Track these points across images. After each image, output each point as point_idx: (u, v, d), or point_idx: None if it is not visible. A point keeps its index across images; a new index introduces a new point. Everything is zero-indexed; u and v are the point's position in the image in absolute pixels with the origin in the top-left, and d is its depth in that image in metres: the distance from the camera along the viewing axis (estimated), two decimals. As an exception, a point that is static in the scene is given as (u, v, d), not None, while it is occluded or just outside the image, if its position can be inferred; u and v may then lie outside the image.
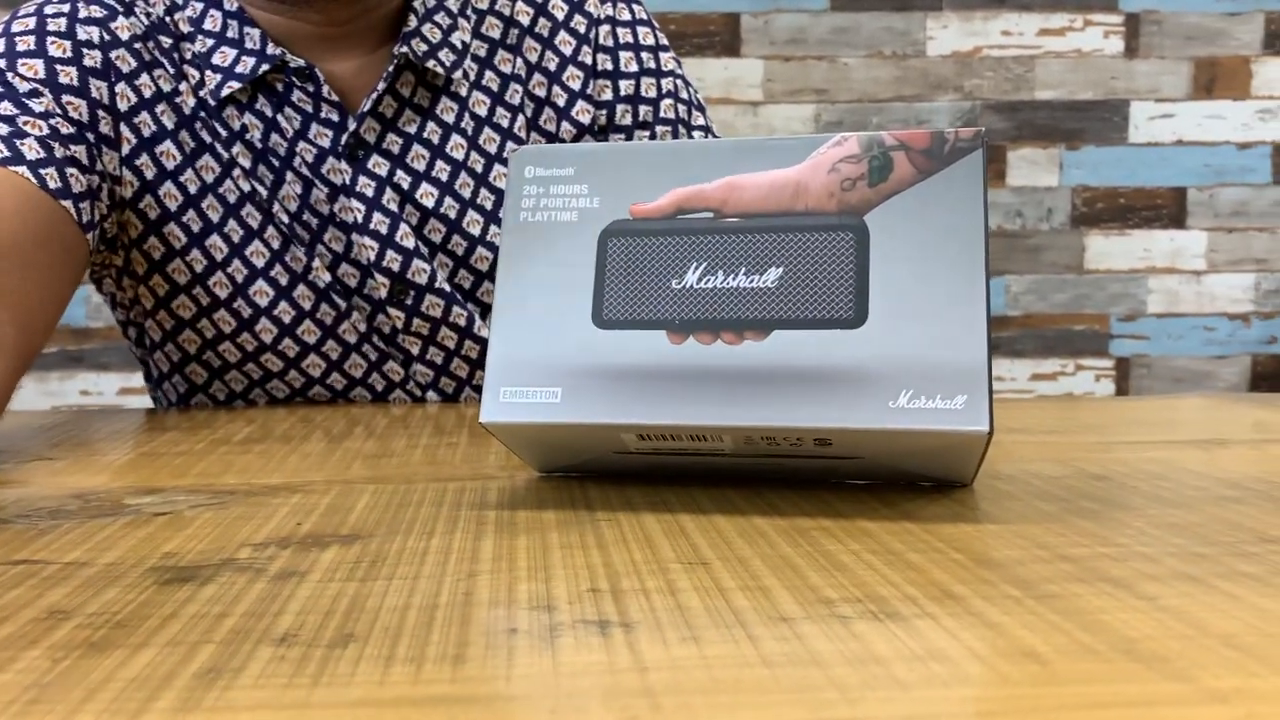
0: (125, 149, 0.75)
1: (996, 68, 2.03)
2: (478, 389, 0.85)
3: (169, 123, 0.76)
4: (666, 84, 0.89)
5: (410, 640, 0.29)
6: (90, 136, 0.73)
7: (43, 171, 0.69)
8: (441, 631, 0.29)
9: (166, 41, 0.76)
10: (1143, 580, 0.33)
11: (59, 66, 0.73)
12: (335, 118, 0.78)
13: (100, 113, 0.74)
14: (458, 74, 0.81)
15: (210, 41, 0.76)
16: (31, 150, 0.69)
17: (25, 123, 0.70)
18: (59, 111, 0.72)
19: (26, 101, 0.71)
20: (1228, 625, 0.29)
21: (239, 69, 0.76)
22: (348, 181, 0.78)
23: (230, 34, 0.76)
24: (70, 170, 0.71)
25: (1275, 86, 2.07)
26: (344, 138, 0.77)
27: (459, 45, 0.81)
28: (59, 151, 0.71)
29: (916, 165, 0.43)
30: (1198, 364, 2.11)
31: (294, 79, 0.77)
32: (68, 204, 0.70)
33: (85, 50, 0.74)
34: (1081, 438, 0.60)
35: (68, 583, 0.34)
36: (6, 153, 0.68)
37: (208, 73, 0.76)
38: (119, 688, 0.26)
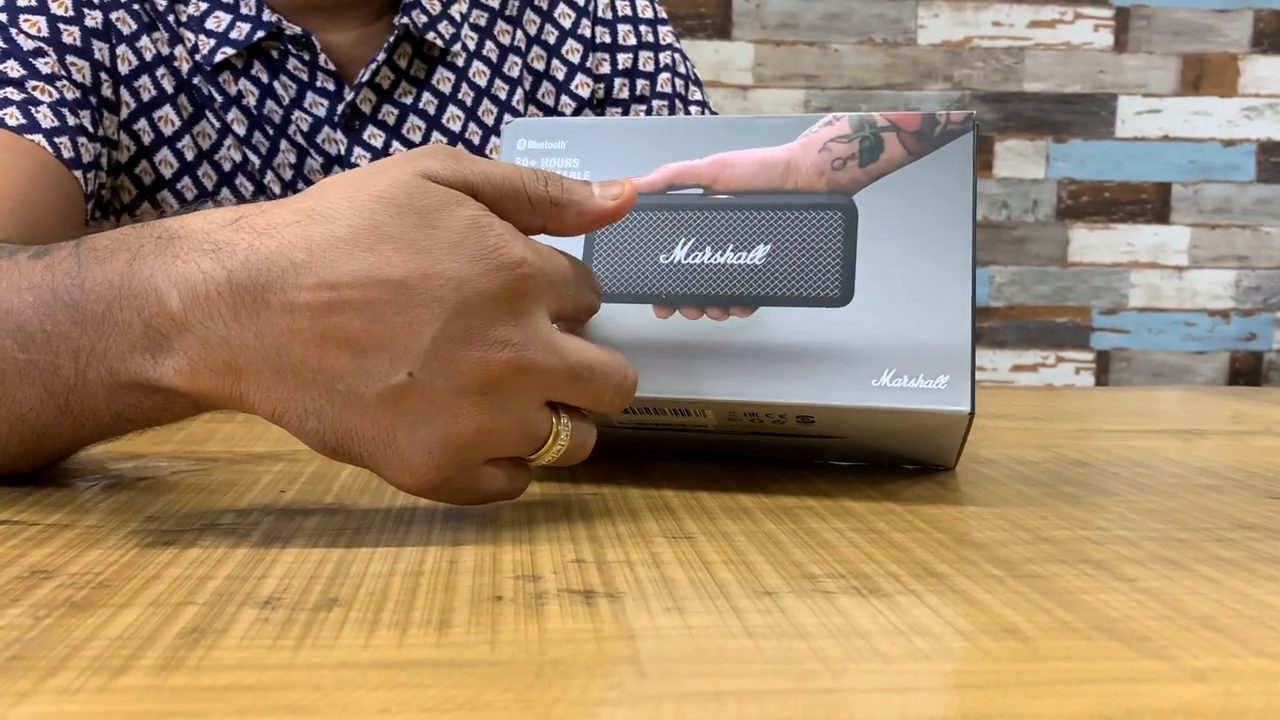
0: (124, 113, 0.75)
1: (986, 58, 2.03)
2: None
3: (169, 86, 0.75)
4: (665, 58, 0.88)
5: (395, 605, 0.29)
6: (93, 100, 0.73)
7: (57, 140, 0.68)
8: (426, 597, 0.29)
9: (161, 3, 0.75)
10: (1123, 563, 0.34)
11: (61, 25, 0.72)
12: (331, 87, 0.77)
13: (102, 75, 0.73)
14: (456, 45, 0.81)
15: (204, 5, 0.75)
16: (45, 118, 0.68)
17: (35, 88, 0.69)
18: (63, 74, 0.71)
19: (33, 62, 0.70)
20: (1206, 607, 0.29)
21: (234, 34, 0.75)
22: (343, 152, 0.77)
23: None
24: (81, 139, 0.70)
25: (1262, 84, 2.08)
26: (340, 108, 0.77)
27: (457, 17, 0.81)
28: (70, 119, 0.70)
29: (907, 146, 0.43)
30: (1177, 359, 2.13)
31: (289, 47, 0.76)
32: (78, 174, 0.69)
33: (86, 10, 0.73)
34: (1063, 425, 0.61)
35: (49, 543, 0.34)
36: (22, 119, 0.67)
37: (201, 37, 0.75)
38: (102, 645, 0.26)
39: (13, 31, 0.70)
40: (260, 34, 0.75)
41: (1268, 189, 2.10)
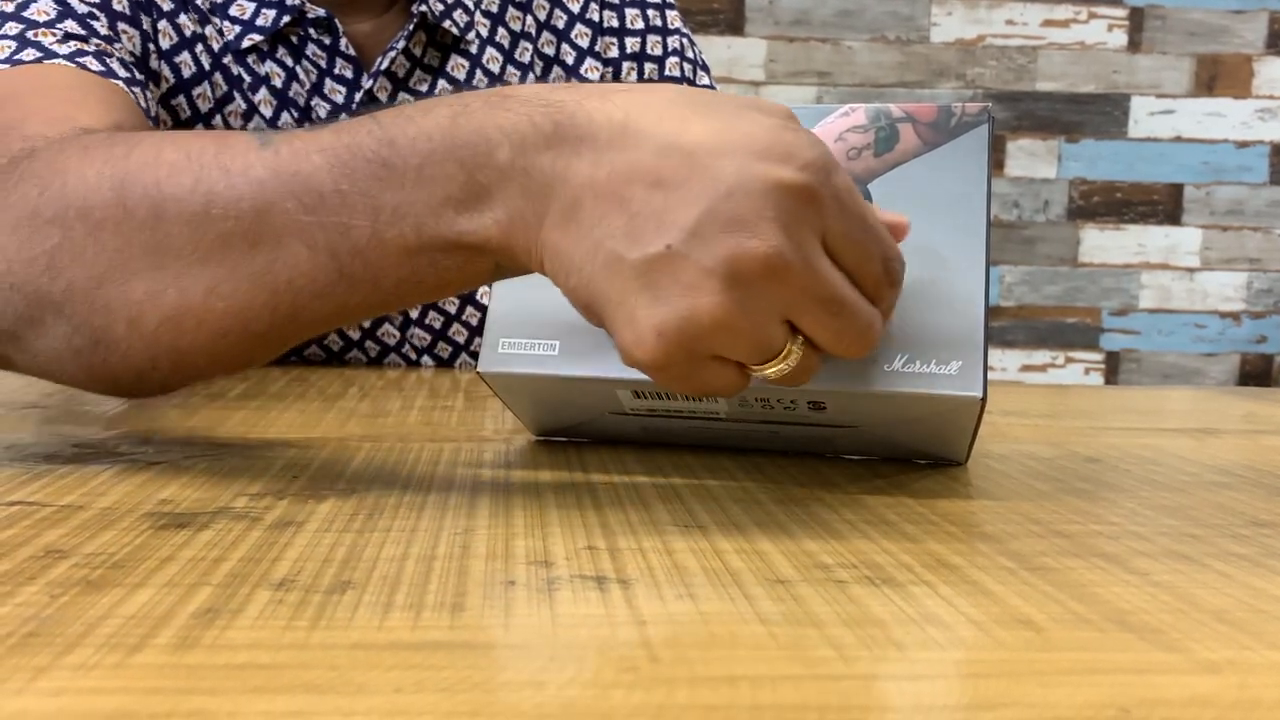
0: (163, 87, 0.75)
1: (999, 57, 2.03)
2: (474, 355, 0.85)
3: (206, 63, 0.75)
4: (673, 42, 0.88)
5: (408, 588, 0.29)
6: (142, 69, 0.72)
7: (134, 90, 0.67)
8: (439, 581, 0.29)
9: None
10: (1135, 557, 0.34)
11: None
12: (349, 74, 0.77)
13: (150, 47, 0.73)
14: (470, 33, 0.81)
15: None
16: (120, 68, 0.67)
17: (98, 45, 0.68)
18: (117, 39, 0.71)
19: (90, 23, 0.69)
20: (1220, 601, 0.29)
21: (259, 21, 0.75)
22: None
23: None
24: (148, 93, 0.70)
25: (1276, 86, 2.07)
26: (357, 95, 0.77)
27: (471, 4, 0.81)
28: (138, 74, 0.69)
29: (922, 137, 0.43)
30: (1187, 360, 2.12)
31: (310, 32, 0.76)
32: (150, 126, 0.69)
33: None
34: (1074, 422, 0.61)
35: (64, 524, 0.34)
36: (100, 66, 0.65)
37: (226, 24, 0.75)
38: (118, 624, 0.26)
39: None
40: (285, 19, 0.75)
41: (1280, 191, 2.09)
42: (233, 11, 0.75)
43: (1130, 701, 0.23)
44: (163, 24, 0.74)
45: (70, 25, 0.67)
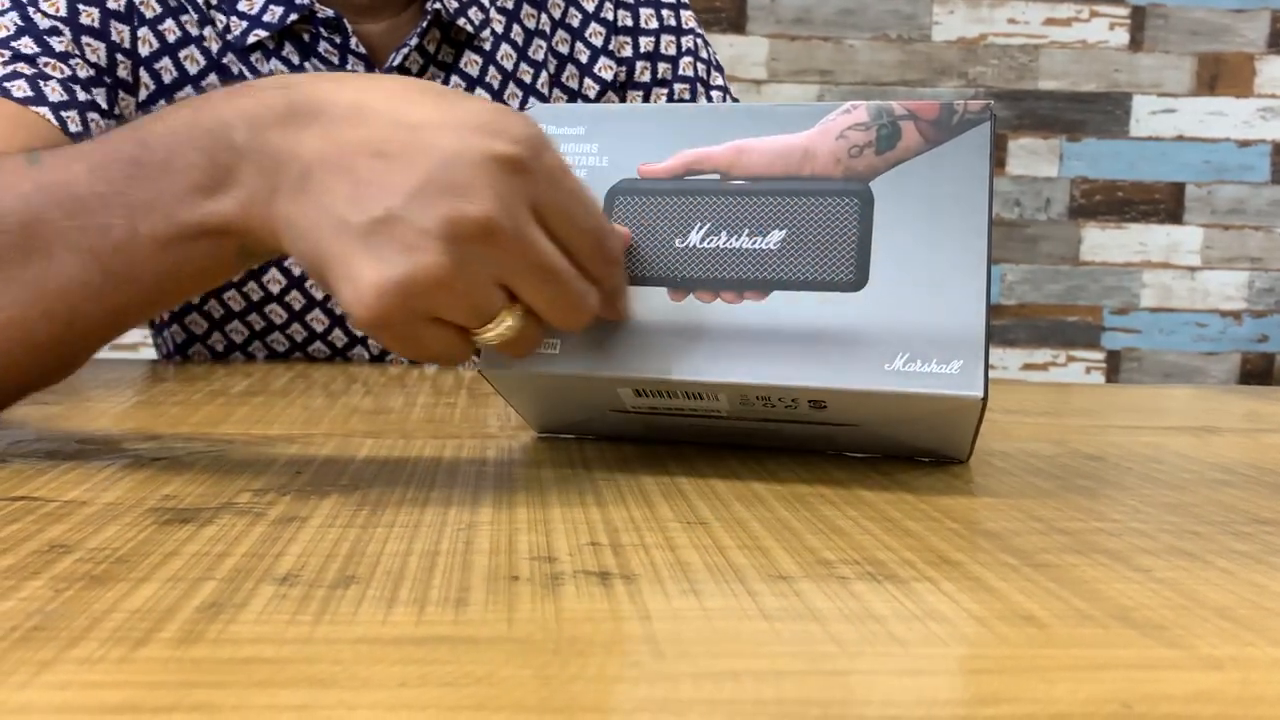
0: (142, 94, 0.75)
1: (1001, 55, 2.03)
2: (477, 352, 0.85)
3: (193, 68, 0.75)
4: (686, 42, 0.89)
5: (412, 584, 0.29)
6: (108, 80, 0.73)
7: (64, 114, 0.69)
8: (443, 576, 0.29)
9: None
10: (1137, 554, 0.34)
11: (81, 6, 0.72)
12: (361, 70, 0.77)
13: (119, 56, 0.74)
14: (485, 31, 0.81)
15: None
16: (54, 92, 0.69)
17: (46, 64, 0.70)
18: (77, 53, 0.71)
19: (47, 40, 0.70)
20: (1222, 598, 0.29)
21: (266, 17, 0.75)
22: None
23: None
24: (91, 115, 0.70)
25: (1278, 85, 2.07)
26: None
27: (486, 2, 0.81)
28: (81, 95, 0.70)
29: (924, 135, 0.43)
30: (1188, 359, 2.12)
31: (321, 30, 0.76)
32: None
33: None
34: (1075, 420, 0.61)
35: (68, 519, 0.34)
36: (29, 92, 0.68)
37: (233, 19, 0.75)
38: (122, 618, 0.26)
39: (30, 10, 0.71)
40: (293, 17, 0.75)
41: (1282, 190, 2.09)
42: (240, 6, 0.75)
43: (1133, 697, 0.23)
44: (143, 31, 0.74)
45: (24, 43, 0.69)
